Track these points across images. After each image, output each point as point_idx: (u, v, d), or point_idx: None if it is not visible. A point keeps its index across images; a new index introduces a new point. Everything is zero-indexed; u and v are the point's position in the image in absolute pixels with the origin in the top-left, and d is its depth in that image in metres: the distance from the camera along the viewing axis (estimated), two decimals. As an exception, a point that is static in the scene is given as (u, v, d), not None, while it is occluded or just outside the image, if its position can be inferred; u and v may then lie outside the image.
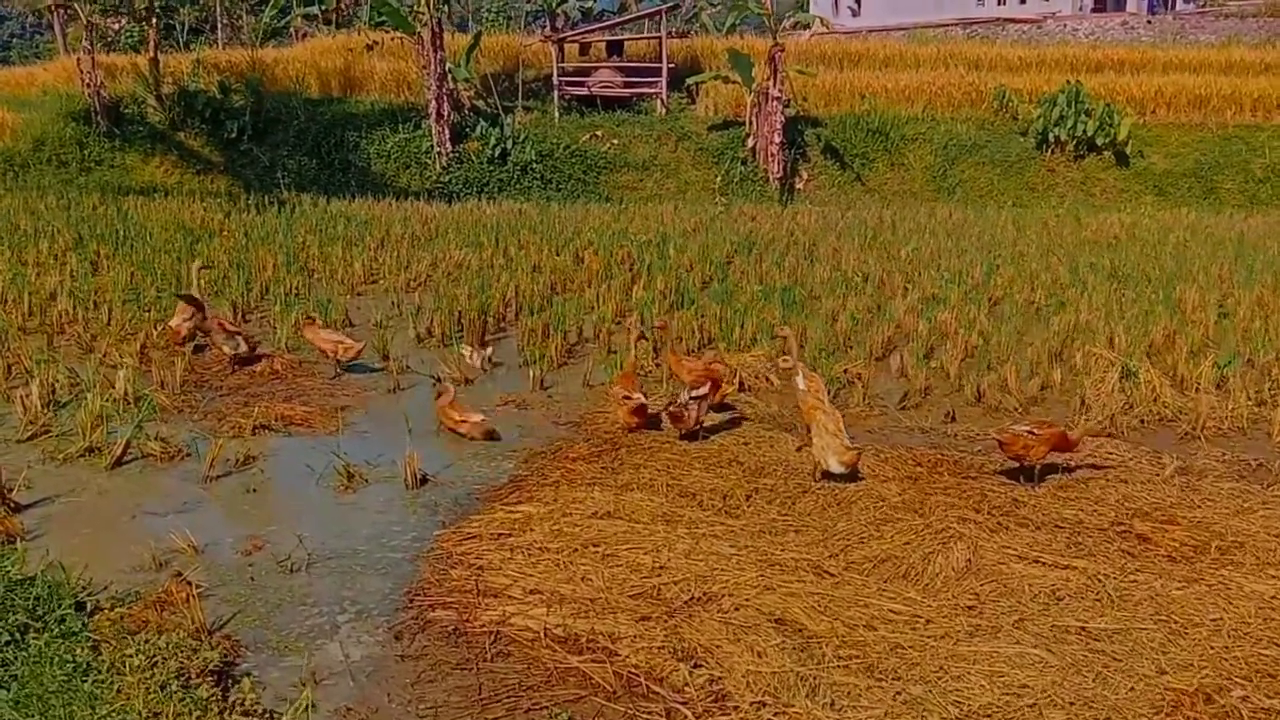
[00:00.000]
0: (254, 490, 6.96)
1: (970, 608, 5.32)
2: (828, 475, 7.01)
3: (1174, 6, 43.03)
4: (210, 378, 9.58)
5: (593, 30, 30.72)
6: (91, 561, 5.66)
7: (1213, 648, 4.88)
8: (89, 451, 7.50)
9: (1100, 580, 5.55)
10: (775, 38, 25.85)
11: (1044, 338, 10.90)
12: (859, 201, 25.66)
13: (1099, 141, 26.00)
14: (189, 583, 5.36)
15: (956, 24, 38.67)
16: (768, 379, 9.72)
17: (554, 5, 35.00)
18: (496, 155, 25.74)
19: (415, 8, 25.44)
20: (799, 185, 26.47)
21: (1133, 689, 4.57)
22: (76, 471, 7.24)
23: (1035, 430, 7.03)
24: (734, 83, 27.20)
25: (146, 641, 4.71)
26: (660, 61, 28.41)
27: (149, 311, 11.66)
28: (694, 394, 7.85)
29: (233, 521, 6.46)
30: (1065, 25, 37.84)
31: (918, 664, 4.76)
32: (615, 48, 30.32)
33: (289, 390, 9.28)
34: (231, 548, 6.05)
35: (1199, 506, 6.67)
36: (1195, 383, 9.52)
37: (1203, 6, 42.59)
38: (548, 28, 35.46)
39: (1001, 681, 4.62)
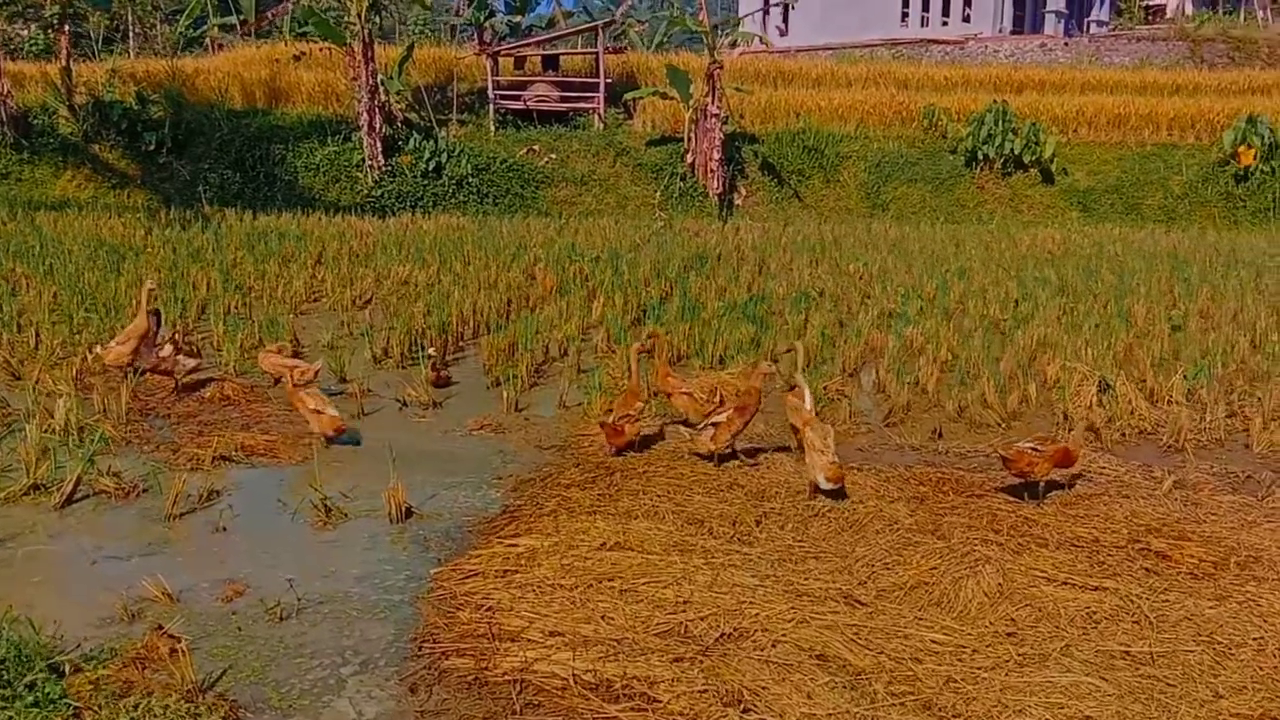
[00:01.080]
0: (223, 528, 6.45)
1: (1010, 635, 5.11)
2: (819, 491, 6.83)
3: (1088, 29, 44.21)
4: (156, 405, 8.98)
5: (528, 44, 30.39)
6: (54, 614, 5.13)
7: (1262, 669, 4.75)
8: (34, 489, 6.89)
9: (1132, 601, 5.40)
10: (713, 55, 25.80)
11: (1011, 352, 10.85)
12: (797, 217, 25.74)
13: (1026, 159, 26.47)
14: (174, 636, 4.88)
15: (882, 44, 39.18)
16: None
17: (481, 19, 34.58)
18: (431, 169, 25.24)
19: (345, 18, 24.81)
20: (738, 201, 26.46)
21: (1196, 716, 4.40)
22: (22, 512, 6.63)
23: (1038, 447, 6.89)
24: (672, 99, 27.13)
25: (137, 707, 4.25)
26: (597, 77, 28.20)
27: (79, 334, 10.97)
28: (713, 419, 7.61)
29: (205, 564, 5.95)
30: (986, 46, 38.61)
31: (974, 698, 4.52)
32: (551, 62, 30.04)
33: (245, 417, 8.74)
34: (209, 593, 5.56)
35: (1205, 521, 6.59)
36: (1166, 395, 9.55)
37: (1114, 30, 43.87)
38: (476, 42, 34.99)
39: (1063, 714, 4.41)
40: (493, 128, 27.60)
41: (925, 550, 6.00)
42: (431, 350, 9.97)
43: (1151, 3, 49.12)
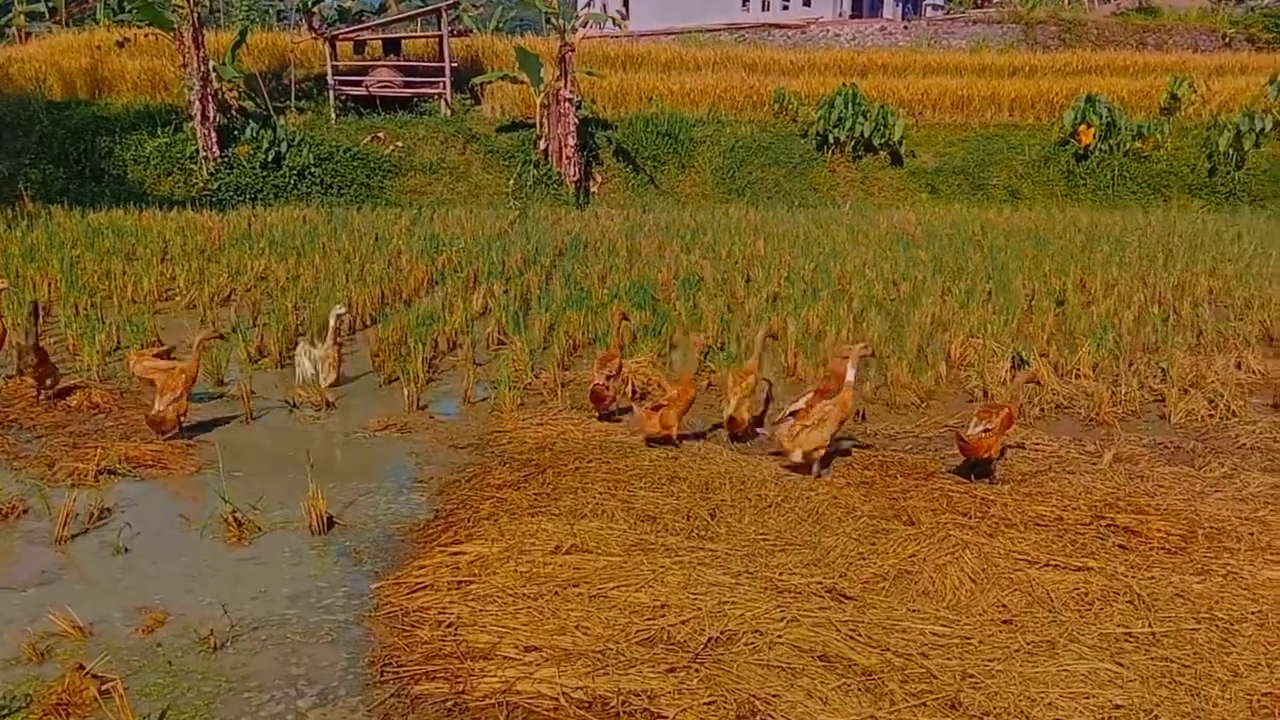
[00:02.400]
0: (125, 550, 5.68)
1: (1007, 622, 4.89)
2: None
3: (924, 13, 45.65)
4: (18, 416, 7.97)
5: (367, 28, 29.17)
6: (-61, 661, 4.36)
7: (1271, 645, 4.66)
8: (-116, 518, 5.98)
9: (1119, 580, 5.27)
10: (564, 37, 25.28)
11: (911, 331, 10.82)
12: (655, 204, 25.52)
13: (875, 142, 26.96)
14: (99, 676, 4.18)
15: (724, 29, 39.41)
16: (660, 385, 9.11)
17: (310, 4, 32.97)
18: (270, 159, 23.91)
19: (172, 1, 23.18)
20: (593, 188, 26.05)
21: (1223, 695, 4.27)
22: None
23: (989, 426, 6.77)
24: (522, 83, 26.49)
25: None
26: (442, 61, 27.27)
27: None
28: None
29: (114, 591, 5.20)
30: (828, 30, 39.31)
31: (996, 693, 4.27)
32: (392, 46, 28.92)
33: (122, 426, 7.84)
34: (125, 624, 4.84)
35: (1155, 494, 6.57)
36: (1073, 369, 9.66)
37: (949, 14, 45.42)
38: (304, 26, 33.41)
39: (1092, 704, 4.20)
40: (334, 115, 26.37)
41: (897, 537, 5.75)
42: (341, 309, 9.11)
43: (982, -12, 51.22)
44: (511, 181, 25.43)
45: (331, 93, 26.49)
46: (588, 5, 26.63)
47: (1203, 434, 8.12)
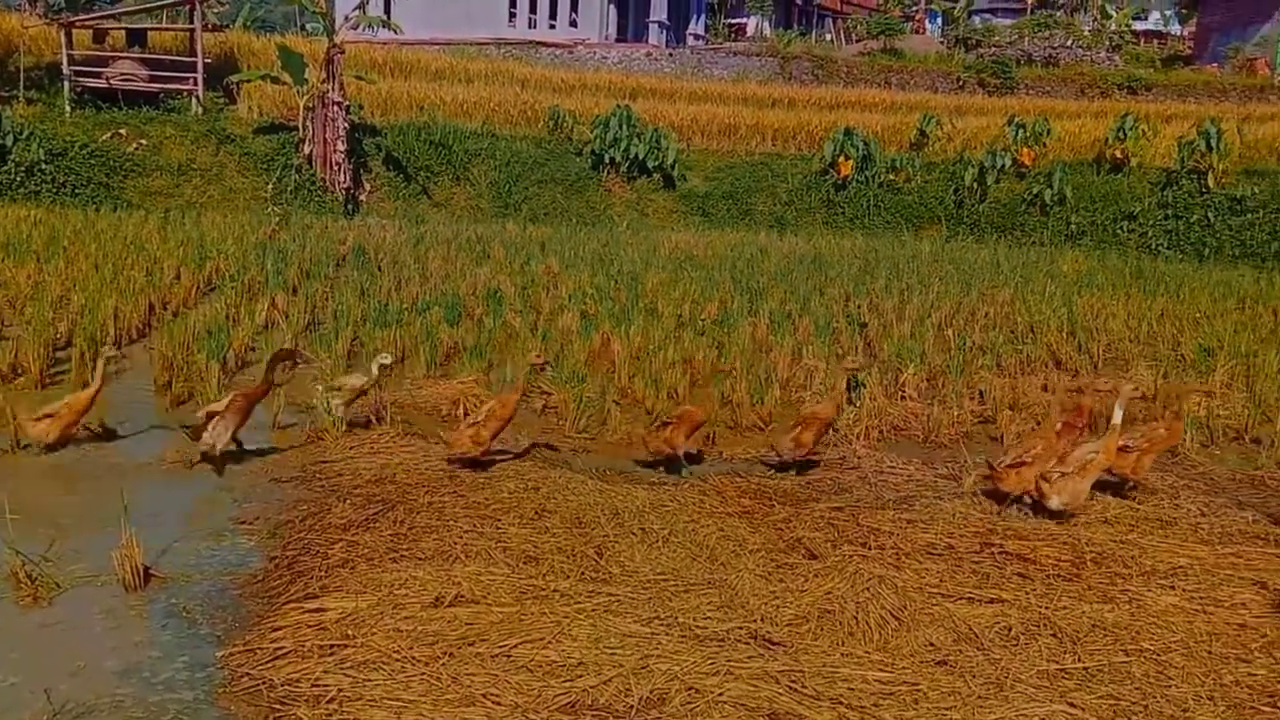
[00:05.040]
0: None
1: (941, 663, 4.61)
2: None
3: (686, 41, 46.62)
4: None
5: (106, 15, 26.57)
6: None
7: (1204, 674, 4.57)
8: None
9: (1032, 611, 5.10)
10: (332, 38, 23.90)
11: (735, 352, 10.60)
12: (428, 216, 24.50)
13: (650, 164, 27.04)
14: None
15: (491, 43, 38.70)
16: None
17: (36, -14, 29.88)
18: (-8, 153, 21.22)
19: None
20: (362, 197, 24.75)
21: (1182, 734, 4.13)
22: None
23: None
24: (283, 84, 24.83)
25: None
26: (194, 55, 25.17)
27: None
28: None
29: None
30: (595, 52, 39.37)
31: (966, 746, 3.95)
32: (137, 37, 26.42)
33: None
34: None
35: (1029, 518, 6.51)
36: (899, 391, 9.72)
37: (710, 44, 46.63)
38: (32, 10, 30.18)
39: (1063, 752, 3.95)
40: (68, 108, 23.75)
41: (804, 573, 5.38)
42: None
43: (734, 22, 52.85)
44: (270, 186, 23.74)
45: (66, 83, 23.87)
46: (357, 9, 25.17)
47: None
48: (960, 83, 39.15)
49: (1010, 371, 10.85)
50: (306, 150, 24.21)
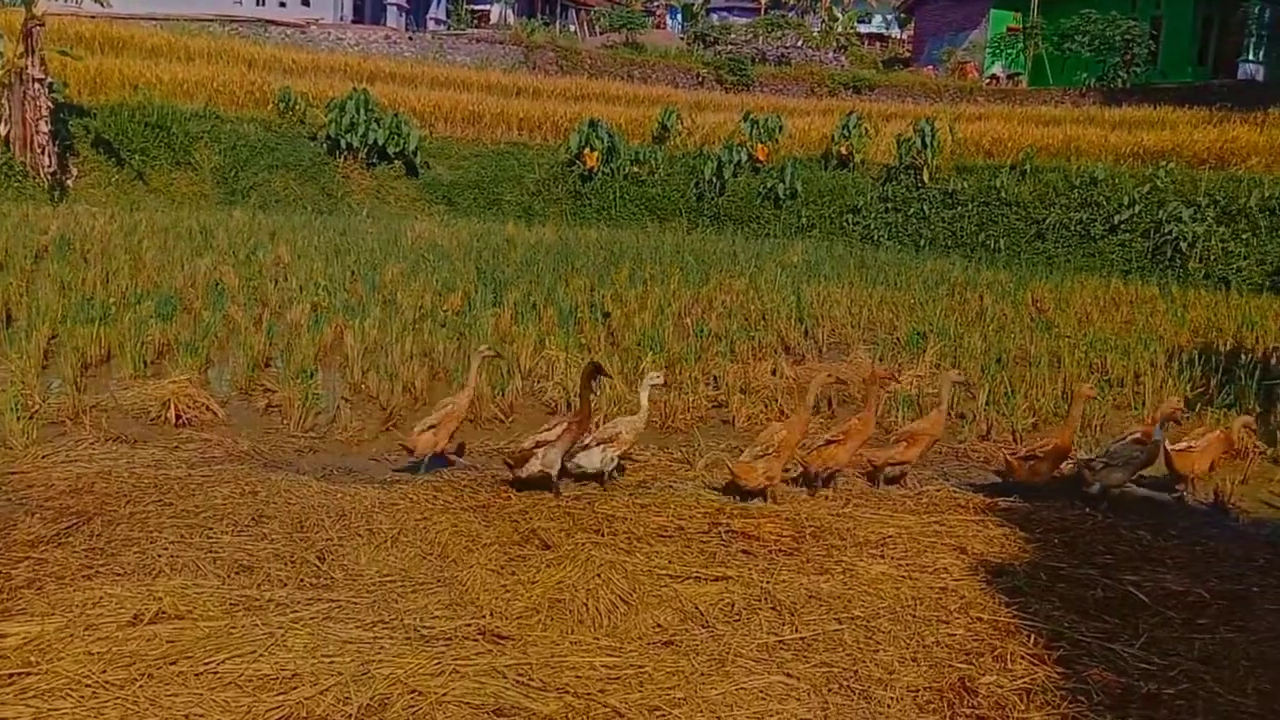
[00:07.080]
0: None
1: (668, 644, 4.65)
2: None
3: (427, 25, 45.56)
4: None
5: None
6: None
7: (908, 638, 4.82)
8: None
9: (754, 586, 5.24)
10: (30, 9, 21.80)
11: (477, 343, 10.39)
12: (145, 202, 22.84)
13: (390, 151, 26.29)
14: None
15: (215, 19, 36.47)
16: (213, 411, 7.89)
17: None
18: None
19: None
20: (69, 183, 22.75)
21: (889, 694, 4.31)
22: None
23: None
24: (-27, 57, 22.43)
25: None
26: None
27: None
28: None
29: None
30: (330, 33, 37.83)
31: (691, 726, 3.98)
32: None
33: None
34: None
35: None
36: (637, 379, 9.80)
37: (451, 29, 45.76)
38: None
39: (782, 723, 4.05)
40: None
41: (536, 563, 5.30)
42: None
43: (477, 8, 52.16)
44: (-40, 170, 21.45)
45: None
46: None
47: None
48: (700, 78, 40.35)
49: (743, 358, 11.20)
50: (3, 131, 22.02)
